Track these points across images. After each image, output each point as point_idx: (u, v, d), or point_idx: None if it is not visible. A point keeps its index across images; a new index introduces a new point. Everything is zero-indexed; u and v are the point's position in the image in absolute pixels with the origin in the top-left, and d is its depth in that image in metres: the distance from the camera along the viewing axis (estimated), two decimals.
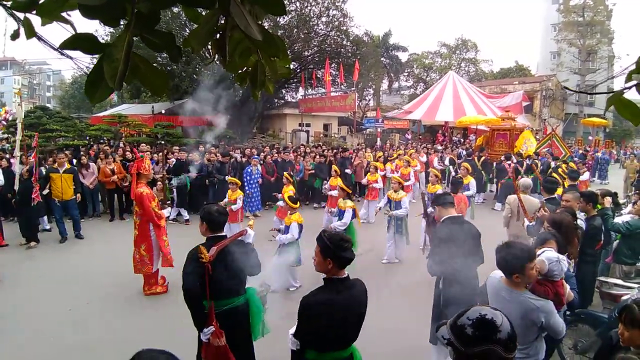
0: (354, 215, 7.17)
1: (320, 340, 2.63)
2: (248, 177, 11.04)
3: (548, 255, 3.15)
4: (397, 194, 7.64)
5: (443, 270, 3.97)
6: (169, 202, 7.68)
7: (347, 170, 12.89)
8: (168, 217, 6.49)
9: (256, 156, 12.20)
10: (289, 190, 8.73)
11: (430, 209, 5.23)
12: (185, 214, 10.75)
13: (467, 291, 3.59)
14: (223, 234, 3.46)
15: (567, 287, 3.23)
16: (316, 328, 2.57)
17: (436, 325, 3.98)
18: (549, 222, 4.11)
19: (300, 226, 6.32)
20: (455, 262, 3.75)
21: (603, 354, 2.63)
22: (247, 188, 10.90)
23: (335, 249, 2.57)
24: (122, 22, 1.15)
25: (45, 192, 8.65)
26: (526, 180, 7.45)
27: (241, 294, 3.47)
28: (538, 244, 3.53)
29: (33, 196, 8.34)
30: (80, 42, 1.11)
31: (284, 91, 28.33)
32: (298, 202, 6.61)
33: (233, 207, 7.89)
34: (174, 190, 10.11)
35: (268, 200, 12.03)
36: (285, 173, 9.52)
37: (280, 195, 8.41)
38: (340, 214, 7.18)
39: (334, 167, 10.42)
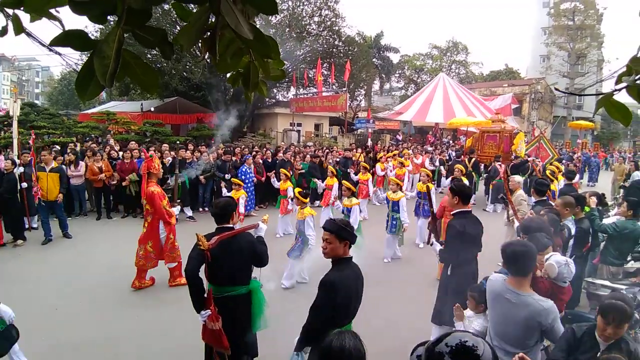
0: (359, 211, 7.45)
1: (339, 313, 2.89)
2: (244, 177, 11.00)
3: (557, 258, 3.16)
4: (395, 195, 7.80)
5: (456, 258, 4.28)
6: (179, 200, 7.79)
7: (350, 170, 12.91)
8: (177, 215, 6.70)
9: (248, 155, 12.17)
10: (287, 187, 8.85)
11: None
12: (176, 211, 10.70)
13: (470, 274, 4.21)
14: (229, 225, 3.63)
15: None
16: (338, 302, 2.83)
17: (437, 305, 4.23)
18: (521, 228, 4.15)
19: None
20: (464, 252, 4.21)
21: (565, 349, 2.62)
22: (243, 187, 10.90)
23: (350, 230, 2.97)
24: (110, 19, 1.14)
25: (24, 185, 8.48)
26: (517, 177, 7.74)
27: (244, 284, 3.60)
28: (539, 250, 3.55)
29: (36, 196, 8.24)
30: (71, 38, 1.10)
31: (275, 90, 28.25)
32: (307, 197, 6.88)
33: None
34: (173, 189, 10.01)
35: (261, 200, 12.09)
36: (282, 169, 9.54)
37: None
38: (348, 212, 7.33)
39: (330, 167, 10.46)
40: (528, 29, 55.06)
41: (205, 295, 3.44)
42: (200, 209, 11.51)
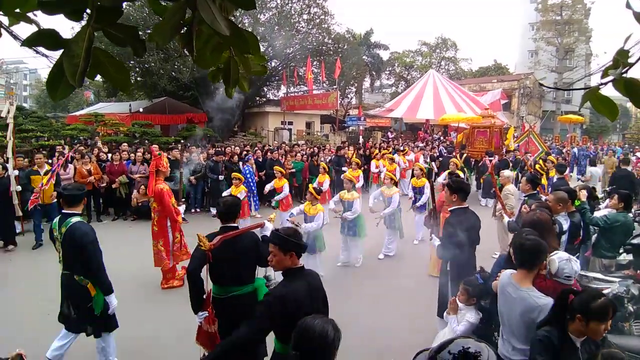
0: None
1: (288, 328, 2.56)
2: (249, 177, 10.98)
3: (559, 255, 3.16)
4: (389, 190, 7.88)
5: (452, 254, 4.34)
6: (184, 199, 7.81)
7: (344, 168, 12.92)
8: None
9: (250, 155, 12.19)
10: (282, 184, 8.92)
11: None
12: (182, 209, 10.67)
13: (467, 269, 4.25)
14: (234, 224, 3.63)
15: None
16: (286, 316, 2.56)
17: (440, 300, 4.30)
18: (527, 223, 4.14)
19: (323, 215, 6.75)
20: (461, 248, 4.26)
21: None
22: (253, 186, 10.96)
23: (295, 240, 2.73)
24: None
25: (19, 188, 8.37)
26: (507, 172, 8.01)
27: (248, 283, 3.58)
28: None
29: (32, 198, 8.14)
30: (43, 38, 1.09)
31: (265, 89, 28.19)
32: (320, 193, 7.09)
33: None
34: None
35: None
36: (277, 167, 9.54)
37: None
38: (349, 205, 7.41)
39: (322, 164, 10.49)
40: (516, 24, 55.18)
41: (205, 296, 3.42)
42: (192, 210, 11.43)
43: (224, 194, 9.32)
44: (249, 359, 3.28)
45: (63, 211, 4.04)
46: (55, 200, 8.66)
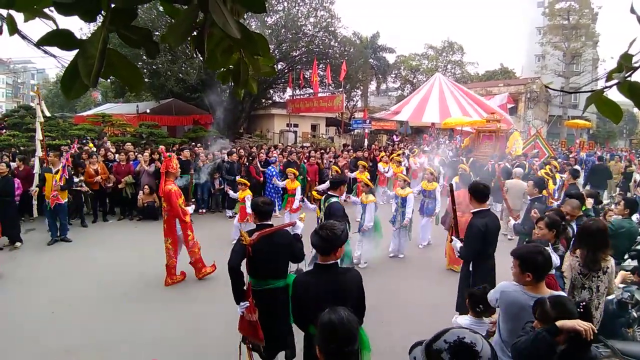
0: (376, 207, 7.57)
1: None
2: (276, 177, 11.03)
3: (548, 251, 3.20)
4: (404, 191, 8.02)
5: (475, 256, 4.51)
6: (194, 200, 7.88)
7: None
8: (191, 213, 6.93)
9: (275, 157, 12.26)
10: (295, 186, 8.97)
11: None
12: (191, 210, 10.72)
13: (489, 269, 4.52)
14: (269, 222, 3.85)
15: None
16: (305, 303, 2.87)
17: (460, 297, 4.28)
18: (547, 225, 4.13)
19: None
20: (484, 249, 4.46)
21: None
22: (267, 188, 11.15)
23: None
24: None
25: (33, 189, 8.46)
26: (517, 169, 8.51)
27: (282, 278, 3.80)
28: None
29: (52, 197, 8.28)
30: (58, 38, 1.10)
31: (271, 91, 28.25)
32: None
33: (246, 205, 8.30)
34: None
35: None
36: (289, 169, 9.58)
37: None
38: (364, 208, 7.57)
39: (334, 167, 10.57)
40: (523, 28, 55.03)
41: (245, 287, 3.66)
42: (200, 210, 11.42)
43: (231, 194, 9.38)
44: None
45: (328, 192, 5.83)
46: (65, 201, 8.78)
